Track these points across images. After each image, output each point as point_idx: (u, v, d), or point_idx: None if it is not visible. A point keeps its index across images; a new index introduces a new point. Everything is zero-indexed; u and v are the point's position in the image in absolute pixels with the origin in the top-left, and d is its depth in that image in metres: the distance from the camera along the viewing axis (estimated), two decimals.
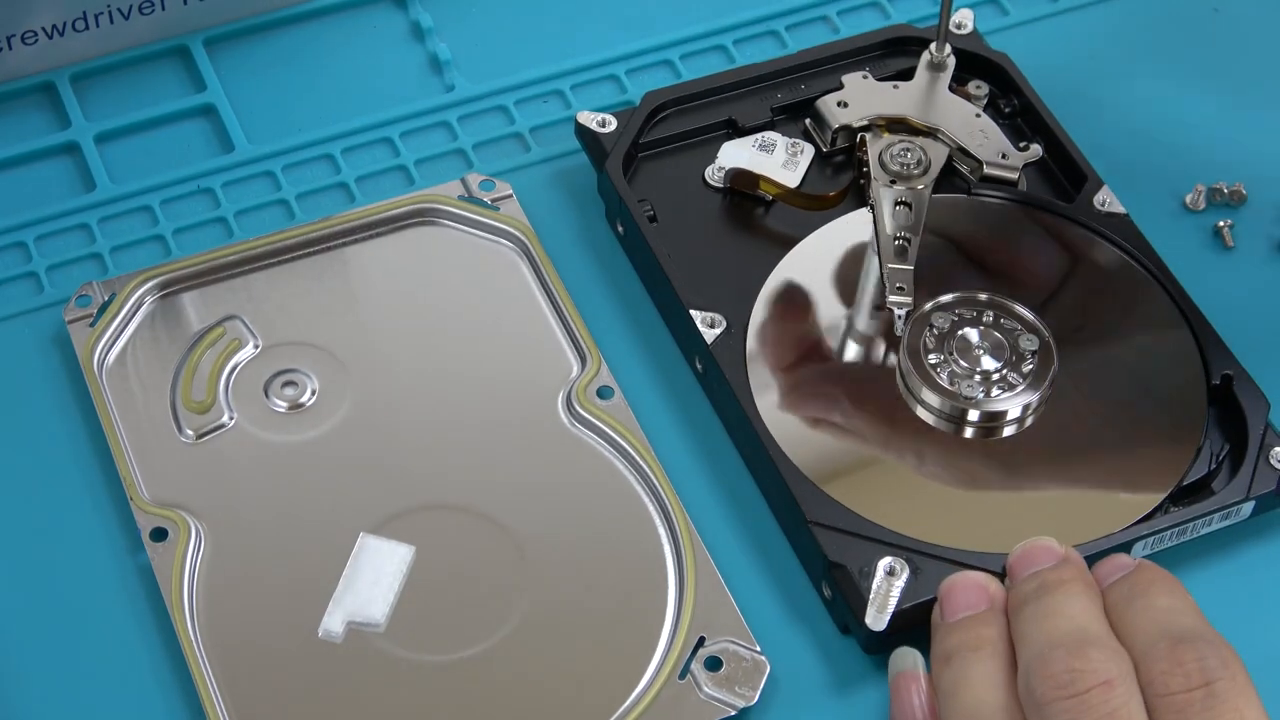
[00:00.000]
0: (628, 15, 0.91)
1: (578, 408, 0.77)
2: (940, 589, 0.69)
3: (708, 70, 0.87)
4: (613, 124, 0.83)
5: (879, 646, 0.71)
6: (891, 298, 0.78)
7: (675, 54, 0.90)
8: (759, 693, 0.70)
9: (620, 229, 0.82)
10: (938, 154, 0.82)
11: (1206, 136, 0.88)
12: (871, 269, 0.80)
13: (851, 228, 0.82)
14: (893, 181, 0.81)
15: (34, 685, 0.71)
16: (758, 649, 0.71)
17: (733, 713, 0.70)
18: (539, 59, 0.89)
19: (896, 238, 0.80)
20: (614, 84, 0.89)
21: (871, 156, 0.82)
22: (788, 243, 0.81)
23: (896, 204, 0.81)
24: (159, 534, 0.73)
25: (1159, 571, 0.68)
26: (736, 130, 0.84)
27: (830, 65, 0.86)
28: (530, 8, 0.91)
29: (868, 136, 0.83)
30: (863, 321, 0.79)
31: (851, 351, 0.79)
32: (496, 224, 0.82)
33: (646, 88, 0.85)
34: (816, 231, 0.81)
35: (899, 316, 0.78)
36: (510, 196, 0.83)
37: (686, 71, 0.89)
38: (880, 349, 0.78)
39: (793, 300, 0.79)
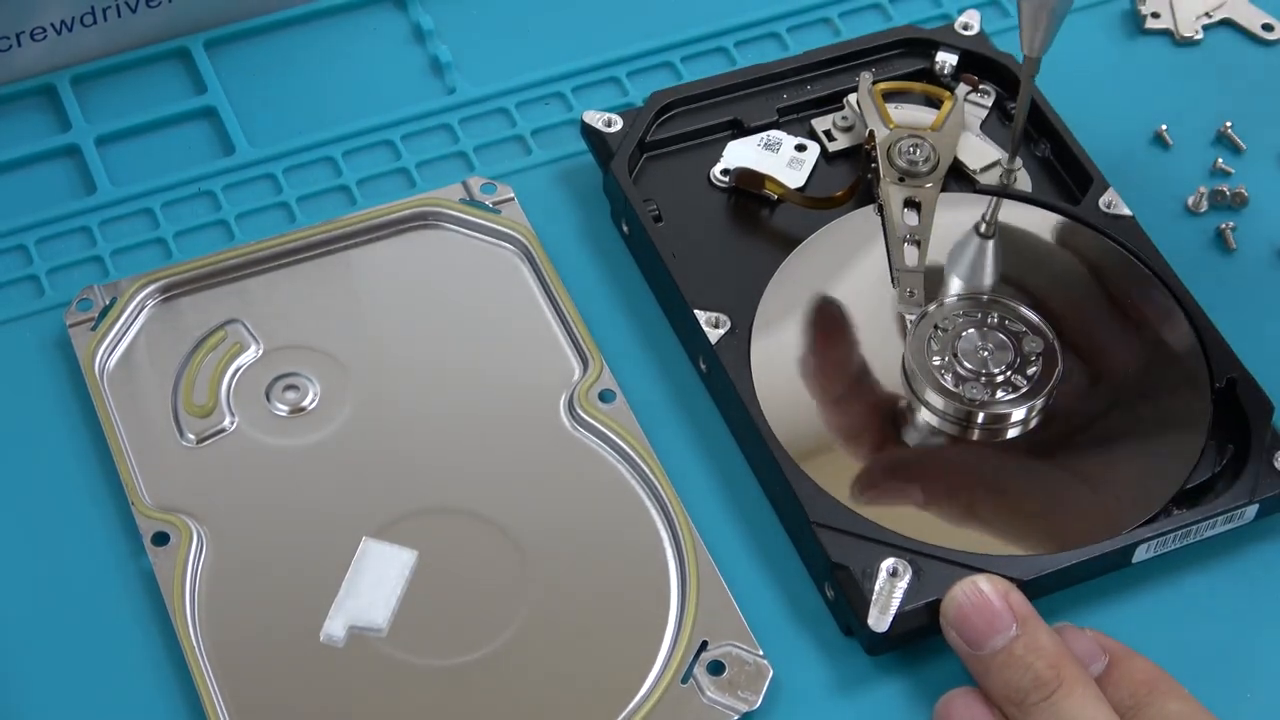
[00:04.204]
0: (629, 17, 0.91)
1: (579, 411, 0.77)
2: (948, 612, 0.69)
3: (709, 72, 0.87)
4: (618, 123, 0.83)
5: (881, 648, 0.71)
6: (902, 301, 0.78)
7: (676, 56, 0.89)
8: (762, 696, 0.70)
9: (625, 229, 0.82)
10: (946, 150, 0.82)
11: (1209, 138, 0.87)
12: (878, 269, 0.80)
13: (856, 227, 0.81)
14: (901, 179, 0.81)
15: (36, 690, 0.71)
16: (760, 653, 0.71)
17: (736, 717, 0.70)
18: (540, 61, 0.89)
19: (905, 240, 0.80)
20: (615, 86, 0.88)
21: (880, 152, 0.82)
22: (793, 242, 0.81)
23: (905, 205, 0.80)
24: (160, 538, 0.73)
25: (1146, 666, 0.68)
26: (742, 130, 0.84)
27: (837, 65, 0.86)
28: (531, 10, 0.91)
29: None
30: (868, 322, 0.79)
31: (856, 352, 0.78)
32: (498, 227, 0.82)
33: (648, 90, 0.85)
34: (821, 231, 0.81)
35: (910, 320, 0.78)
36: (512, 199, 0.83)
37: (688, 73, 0.88)
38: (885, 350, 0.78)
39: (797, 300, 0.79)
